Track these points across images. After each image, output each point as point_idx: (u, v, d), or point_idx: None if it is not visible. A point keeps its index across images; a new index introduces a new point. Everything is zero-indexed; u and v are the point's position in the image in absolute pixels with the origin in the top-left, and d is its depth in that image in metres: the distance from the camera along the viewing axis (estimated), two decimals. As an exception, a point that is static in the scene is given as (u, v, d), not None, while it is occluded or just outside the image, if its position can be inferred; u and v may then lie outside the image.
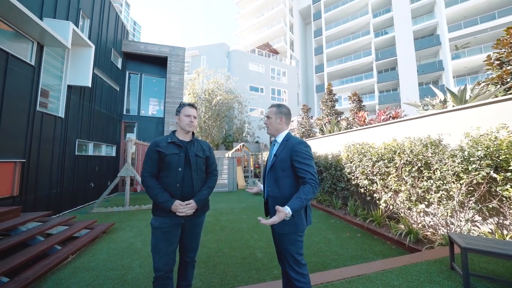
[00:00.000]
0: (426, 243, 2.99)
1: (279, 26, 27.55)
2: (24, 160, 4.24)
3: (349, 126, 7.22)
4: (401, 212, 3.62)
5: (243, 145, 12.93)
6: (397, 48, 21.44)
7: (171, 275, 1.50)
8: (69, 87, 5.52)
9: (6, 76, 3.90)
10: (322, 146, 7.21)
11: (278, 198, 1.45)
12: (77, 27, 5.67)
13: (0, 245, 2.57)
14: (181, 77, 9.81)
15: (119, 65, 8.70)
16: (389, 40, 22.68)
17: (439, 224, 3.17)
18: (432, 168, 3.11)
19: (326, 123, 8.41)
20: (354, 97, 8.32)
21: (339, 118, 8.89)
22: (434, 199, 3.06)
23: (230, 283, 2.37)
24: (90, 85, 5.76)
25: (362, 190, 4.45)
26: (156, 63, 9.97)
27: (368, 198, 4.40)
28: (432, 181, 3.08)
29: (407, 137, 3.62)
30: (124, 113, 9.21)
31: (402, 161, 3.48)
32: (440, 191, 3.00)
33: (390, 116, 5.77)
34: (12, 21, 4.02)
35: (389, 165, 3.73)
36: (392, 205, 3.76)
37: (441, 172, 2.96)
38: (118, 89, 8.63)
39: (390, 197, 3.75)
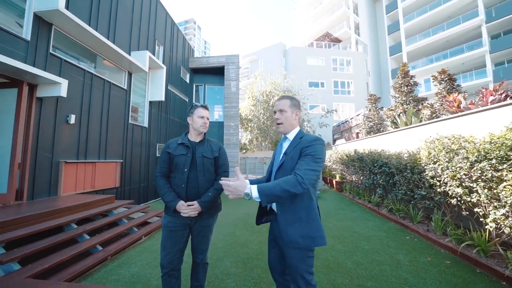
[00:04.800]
0: None
1: (341, 11, 24.83)
2: (122, 161, 5.69)
3: (434, 115, 5.49)
4: (528, 240, 2.35)
5: (300, 144, 12.35)
6: (528, -5, 14.72)
7: (177, 274, 1.52)
8: (150, 102, 6.99)
9: (110, 100, 5.35)
10: (394, 143, 5.86)
11: (286, 204, 1.21)
12: (154, 54, 7.12)
13: (103, 221, 3.52)
14: (237, 82, 10.47)
15: (187, 80, 10.26)
16: (511, -12, 15.88)
17: None
18: None
19: (401, 114, 6.71)
20: (442, 76, 6.15)
21: (419, 106, 6.86)
22: None
23: (263, 291, 2.23)
24: (164, 99, 7.09)
25: (453, 201, 3.24)
26: (216, 73, 11.09)
27: (465, 212, 3.15)
28: None
29: (536, 123, 2.32)
30: (193, 120, 10.75)
31: (525, 161, 2.26)
32: None
33: (507, 95, 3.94)
34: (113, 60, 5.50)
35: (500, 167, 2.52)
36: (510, 227, 2.51)
37: None
38: (187, 100, 10.20)
39: (504, 214, 2.52)
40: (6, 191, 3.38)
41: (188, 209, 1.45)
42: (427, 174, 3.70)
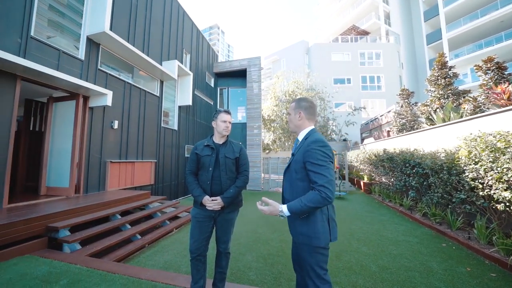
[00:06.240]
0: None
1: (368, 1, 23.36)
2: (156, 160, 6.31)
3: (478, 109, 4.89)
4: None
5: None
6: None
7: (203, 259, 1.73)
8: (179, 107, 7.59)
9: (145, 106, 5.99)
10: (429, 141, 5.39)
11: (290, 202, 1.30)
12: (182, 62, 7.71)
13: (140, 214, 4.00)
14: (259, 84, 10.65)
15: (212, 84, 10.81)
16: None
17: None
18: None
19: (437, 109, 6.07)
20: (488, 65, 5.33)
21: (460, 100, 6.08)
22: None
23: (282, 285, 2.33)
24: (191, 104, 7.63)
25: (500, 206, 2.90)
26: (239, 75, 11.44)
27: (515, 219, 2.80)
28: None
29: None
30: (218, 122, 11.26)
31: None
32: None
33: None
34: (148, 71, 6.14)
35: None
36: None
37: None
38: (212, 103, 10.74)
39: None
40: (68, 185, 4.08)
41: (212, 203, 1.65)
42: (467, 175, 3.36)
